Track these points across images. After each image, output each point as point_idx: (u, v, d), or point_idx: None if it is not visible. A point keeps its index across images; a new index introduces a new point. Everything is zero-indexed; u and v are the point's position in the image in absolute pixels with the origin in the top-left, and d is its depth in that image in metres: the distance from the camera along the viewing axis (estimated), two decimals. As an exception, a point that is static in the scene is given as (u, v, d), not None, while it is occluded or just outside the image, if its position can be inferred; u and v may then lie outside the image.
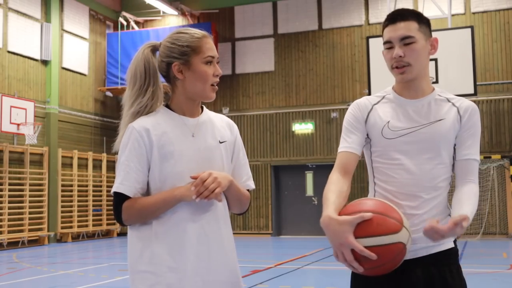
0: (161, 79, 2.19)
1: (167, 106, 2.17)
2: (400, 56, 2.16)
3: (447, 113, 2.22)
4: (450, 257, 2.18)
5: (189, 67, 2.10)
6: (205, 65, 2.10)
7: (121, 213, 2.03)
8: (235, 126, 2.29)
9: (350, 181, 2.26)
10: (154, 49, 2.20)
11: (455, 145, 2.23)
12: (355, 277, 2.25)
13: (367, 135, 2.28)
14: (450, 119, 2.21)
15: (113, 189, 2.05)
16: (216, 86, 2.13)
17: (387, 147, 2.22)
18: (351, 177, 2.27)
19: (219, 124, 2.21)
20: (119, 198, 2.04)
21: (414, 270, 2.14)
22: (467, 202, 2.09)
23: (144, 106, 2.12)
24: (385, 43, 2.22)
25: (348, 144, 2.26)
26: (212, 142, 2.13)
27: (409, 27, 2.17)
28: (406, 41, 2.16)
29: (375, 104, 2.29)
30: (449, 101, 2.25)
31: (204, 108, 2.23)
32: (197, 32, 2.15)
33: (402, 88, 2.27)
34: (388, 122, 2.22)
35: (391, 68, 2.22)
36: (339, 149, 2.28)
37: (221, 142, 2.16)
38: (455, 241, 2.22)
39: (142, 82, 2.15)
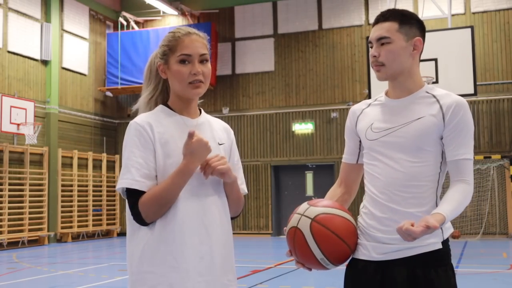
0: None
1: (166, 105, 2.17)
2: (375, 56, 2.22)
3: (427, 110, 2.19)
4: (438, 258, 2.15)
5: (168, 66, 2.11)
6: (179, 64, 2.08)
7: (140, 212, 1.98)
8: (232, 131, 2.30)
9: (350, 188, 2.44)
10: None
11: (443, 141, 2.20)
12: (345, 277, 2.31)
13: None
14: (431, 116, 2.18)
15: (125, 185, 1.98)
16: (199, 83, 2.09)
17: (369, 149, 2.28)
18: (350, 185, 2.44)
19: (217, 127, 2.22)
20: (134, 198, 1.99)
21: (400, 270, 2.14)
22: (449, 200, 2.07)
23: (146, 100, 2.20)
24: (368, 43, 2.29)
25: (344, 154, 2.45)
26: (211, 143, 2.11)
27: (387, 28, 2.20)
28: (382, 41, 2.21)
29: (365, 108, 2.36)
30: (434, 97, 2.22)
31: (202, 110, 2.23)
32: (182, 30, 2.14)
33: (390, 88, 2.30)
34: (372, 124, 2.28)
35: (372, 67, 2.27)
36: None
37: (220, 144, 2.16)
38: (443, 242, 2.18)
39: (147, 81, 2.22)
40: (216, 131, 2.19)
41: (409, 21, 2.22)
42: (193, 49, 2.09)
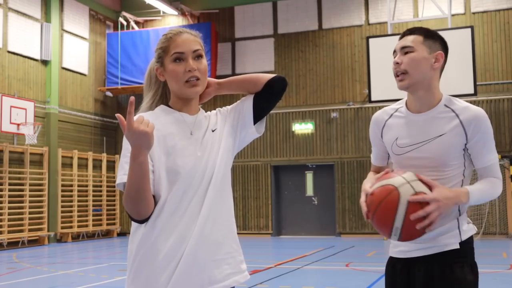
0: None
1: (167, 105, 2.20)
2: (397, 63, 2.36)
3: (448, 126, 2.31)
4: (454, 257, 2.31)
5: (164, 68, 2.13)
6: (174, 63, 2.09)
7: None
8: (223, 108, 2.29)
9: None
10: None
11: (467, 152, 2.32)
12: (385, 273, 2.51)
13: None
14: (452, 133, 2.30)
15: (119, 181, 2.00)
16: (195, 81, 2.08)
17: (397, 162, 2.44)
18: None
19: (212, 117, 2.23)
20: None
21: (418, 267, 2.34)
22: (479, 184, 2.30)
23: (146, 108, 2.20)
24: (393, 53, 2.43)
25: (374, 159, 2.61)
26: (207, 137, 2.14)
27: (412, 39, 2.37)
28: (405, 50, 2.36)
29: (388, 120, 2.48)
30: (453, 111, 2.33)
31: (201, 109, 2.24)
32: (174, 31, 2.15)
33: (410, 101, 2.42)
34: (396, 139, 2.42)
35: (395, 76, 2.40)
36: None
37: (213, 131, 2.17)
38: (462, 243, 2.33)
39: (147, 87, 2.24)
40: (211, 121, 2.20)
41: (433, 37, 2.39)
42: (185, 46, 2.09)
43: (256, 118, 2.21)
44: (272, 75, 2.22)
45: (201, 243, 2.02)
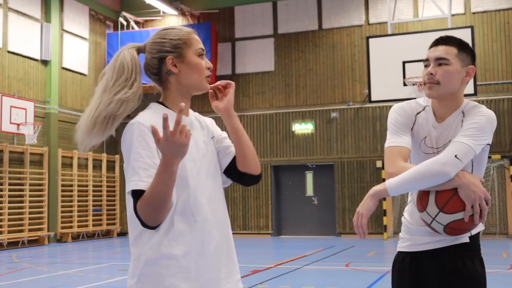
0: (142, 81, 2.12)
1: (161, 104, 2.13)
2: (431, 74, 2.38)
3: (457, 129, 2.37)
4: (464, 250, 2.37)
5: (183, 59, 2.09)
6: (198, 57, 2.12)
7: (139, 216, 1.90)
8: (213, 121, 2.29)
9: None
10: (138, 50, 2.12)
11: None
12: (392, 269, 2.56)
13: None
14: (458, 132, 2.36)
15: (132, 187, 1.91)
16: (209, 79, 2.17)
17: (419, 158, 2.45)
18: None
19: (203, 122, 2.22)
20: (138, 199, 1.91)
21: (428, 260, 2.40)
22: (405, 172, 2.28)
23: (128, 98, 2.02)
24: (424, 61, 2.44)
25: (403, 140, 2.41)
26: (205, 139, 2.15)
27: (447, 51, 2.38)
28: (440, 61, 2.38)
29: (417, 114, 2.49)
30: (463, 114, 2.39)
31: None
32: (185, 28, 2.19)
33: (436, 106, 2.45)
34: (425, 137, 2.46)
35: (423, 84, 2.42)
36: (391, 144, 2.41)
37: (212, 138, 2.19)
38: (471, 237, 2.38)
39: (129, 76, 2.03)
40: (206, 126, 2.21)
41: (465, 50, 2.42)
42: (203, 45, 2.19)
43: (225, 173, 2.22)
44: (259, 171, 2.19)
45: (214, 250, 2.03)
